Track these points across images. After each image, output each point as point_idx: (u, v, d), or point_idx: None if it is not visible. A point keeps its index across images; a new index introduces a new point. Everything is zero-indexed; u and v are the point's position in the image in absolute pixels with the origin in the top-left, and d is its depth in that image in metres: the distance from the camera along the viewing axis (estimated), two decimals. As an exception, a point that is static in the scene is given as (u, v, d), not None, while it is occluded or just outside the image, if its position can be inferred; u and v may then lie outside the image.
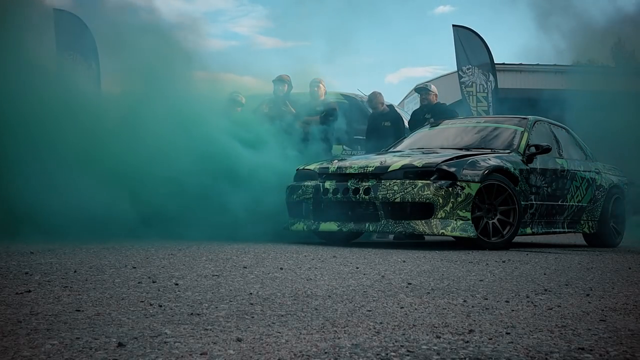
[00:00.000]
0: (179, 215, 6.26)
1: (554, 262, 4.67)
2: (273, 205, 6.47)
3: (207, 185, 6.36)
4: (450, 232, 5.53)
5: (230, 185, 6.43)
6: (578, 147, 7.61)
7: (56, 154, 6.14)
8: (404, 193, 5.64)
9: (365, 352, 1.77)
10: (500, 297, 2.81)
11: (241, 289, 2.84)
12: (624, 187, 7.86)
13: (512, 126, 6.90)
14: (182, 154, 6.45)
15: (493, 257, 4.90)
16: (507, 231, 5.86)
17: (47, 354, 1.68)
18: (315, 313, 2.33)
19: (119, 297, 2.56)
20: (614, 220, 7.51)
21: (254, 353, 1.74)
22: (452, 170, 5.63)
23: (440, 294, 2.86)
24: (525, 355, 1.78)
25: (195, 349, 1.76)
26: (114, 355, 1.68)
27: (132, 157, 6.35)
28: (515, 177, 6.03)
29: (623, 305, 2.71)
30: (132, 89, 7.13)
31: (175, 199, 6.24)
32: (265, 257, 4.37)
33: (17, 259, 3.84)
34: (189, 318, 2.18)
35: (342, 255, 4.72)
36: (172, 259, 4.05)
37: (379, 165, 5.91)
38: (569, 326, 2.20)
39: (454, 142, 6.91)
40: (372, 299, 2.67)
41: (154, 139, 6.45)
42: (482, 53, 11.32)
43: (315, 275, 3.41)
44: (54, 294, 2.58)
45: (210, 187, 6.36)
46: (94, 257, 4.08)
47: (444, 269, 3.93)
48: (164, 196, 6.21)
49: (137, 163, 6.31)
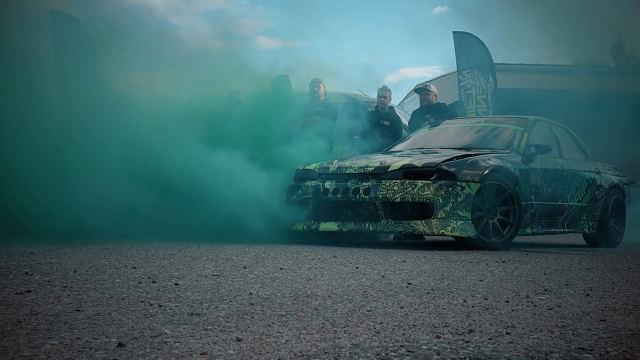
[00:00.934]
0: (179, 216, 6.25)
1: (554, 262, 4.67)
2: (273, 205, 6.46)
3: (207, 185, 6.35)
4: (450, 232, 5.53)
5: (230, 184, 6.42)
6: (578, 147, 7.61)
7: (58, 155, 6.14)
8: (404, 193, 5.64)
9: (365, 352, 1.77)
10: (500, 297, 2.81)
11: (241, 289, 2.84)
12: (624, 187, 7.86)
13: (512, 126, 6.90)
14: (183, 153, 6.44)
15: (493, 257, 4.90)
16: (507, 231, 5.86)
17: (47, 354, 1.68)
18: (315, 313, 2.33)
19: (119, 297, 2.56)
20: (614, 220, 7.51)
21: (254, 353, 1.74)
22: (452, 170, 5.63)
23: (440, 294, 2.86)
24: (525, 355, 1.78)
25: (195, 349, 1.76)
26: (114, 355, 1.68)
27: (132, 157, 6.34)
28: (515, 177, 6.03)
29: (623, 305, 2.71)
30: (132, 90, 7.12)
31: (175, 199, 6.23)
32: (265, 257, 4.37)
33: (17, 259, 3.84)
34: (189, 318, 2.18)
35: (342, 255, 4.72)
36: (172, 259, 4.05)
37: (379, 165, 5.91)
38: (569, 326, 2.20)
39: (454, 142, 6.91)
40: (372, 299, 2.67)
41: (152, 138, 6.43)
42: (481, 55, 11.35)
43: (315, 275, 3.41)
44: (54, 294, 2.58)
45: (211, 187, 6.35)
46: (94, 257, 4.08)
47: (444, 269, 3.93)
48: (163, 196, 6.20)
49: (137, 163, 6.31)
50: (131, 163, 6.32)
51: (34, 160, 6.02)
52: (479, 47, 11.38)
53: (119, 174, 6.24)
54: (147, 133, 6.51)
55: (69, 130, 6.27)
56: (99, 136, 6.37)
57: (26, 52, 6.60)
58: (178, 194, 6.28)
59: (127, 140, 6.40)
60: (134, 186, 6.22)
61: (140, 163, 6.33)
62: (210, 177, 6.39)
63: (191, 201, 6.32)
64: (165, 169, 6.31)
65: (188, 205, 6.28)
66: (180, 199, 6.27)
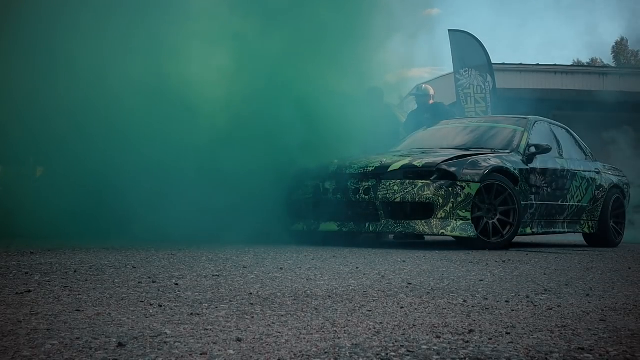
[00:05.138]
0: (179, 217, 6.24)
1: (554, 262, 4.67)
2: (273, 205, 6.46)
3: (207, 186, 6.34)
4: (450, 232, 5.53)
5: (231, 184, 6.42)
6: (578, 147, 7.61)
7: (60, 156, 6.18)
8: (404, 193, 5.64)
9: (365, 352, 1.77)
10: (500, 297, 2.81)
11: (241, 289, 2.84)
12: (624, 187, 7.87)
13: (512, 126, 6.90)
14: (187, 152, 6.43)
15: (493, 257, 4.90)
16: (507, 231, 5.86)
17: (47, 354, 1.67)
18: (315, 313, 2.33)
19: (119, 297, 2.56)
20: (614, 220, 7.51)
21: (254, 353, 1.74)
22: (452, 170, 5.63)
23: (440, 294, 2.86)
24: (525, 355, 1.78)
25: (195, 349, 1.76)
26: (114, 355, 1.68)
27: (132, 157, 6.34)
28: (515, 177, 6.04)
29: (623, 305, 2.71)
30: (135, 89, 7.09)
31: (176, 199, 6.22)
32: (265, 257, 4.37)
33: (17, 259, 3.84)
34: (189, 318, 2.18)
35: (342, 255, 4.72)
36: (172, 259, 4.05)
37: (379, 165, 5.91)
38: (569, 326, 2.20)
39: (453, 142, 6.91)
40: (372, 299, 2.67)
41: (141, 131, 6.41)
42: (479, 54, 11.33)
43: (315, 275, 3.41)
44: (54, 294, 2.58)
45: (210, 188, 6.34)
46: (94, 257, 4.08)
47: (444, 269, 3.93)
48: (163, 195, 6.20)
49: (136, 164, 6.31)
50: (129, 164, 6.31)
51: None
52: (476, 46, 11.35)
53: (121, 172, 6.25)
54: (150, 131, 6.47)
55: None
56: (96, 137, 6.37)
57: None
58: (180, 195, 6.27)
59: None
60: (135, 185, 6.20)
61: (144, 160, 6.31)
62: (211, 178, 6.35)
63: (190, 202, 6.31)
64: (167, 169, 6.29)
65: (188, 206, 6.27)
66: (181, 200, 6.26)
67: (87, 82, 6.28)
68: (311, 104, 6.58)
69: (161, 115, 6.32)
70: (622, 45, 43.30)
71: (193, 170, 6.29)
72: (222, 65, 6.61)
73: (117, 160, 6.30)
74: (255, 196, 6.28)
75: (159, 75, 6.42)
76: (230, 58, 6.70)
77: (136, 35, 6.36)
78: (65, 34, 6.22)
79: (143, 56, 6.38)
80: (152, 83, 6.37)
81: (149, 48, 6.40)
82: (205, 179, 6.28)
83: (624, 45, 43.13)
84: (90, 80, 6.28)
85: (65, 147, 6.44)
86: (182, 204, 6.14)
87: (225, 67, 6.62)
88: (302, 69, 6.73)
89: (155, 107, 6.36)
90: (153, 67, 6.42)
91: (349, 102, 6.85)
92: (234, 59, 6.71)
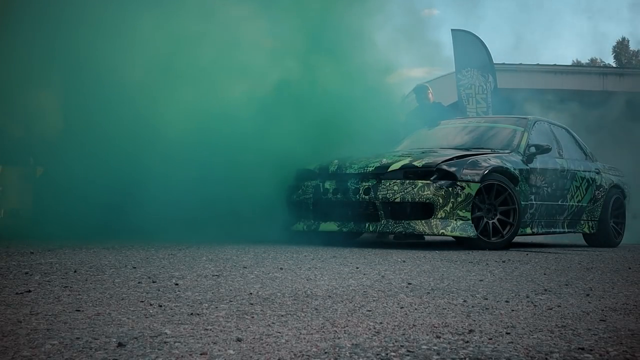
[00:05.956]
0: (180, 217, 6.25)
1: (554, 262, 4.67)
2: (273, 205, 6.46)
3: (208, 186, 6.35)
4: (450, 232, 5.53)
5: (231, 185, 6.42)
6: (578, 147, 7.61)
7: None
8: (404, 193, 5.63)
9: (365, 352, 1.77)
10: (500, 297, 2.81)
11: (241, 289, 2.84)
12: (624, 187, 7.87)
13: (512, 126, 6.90)
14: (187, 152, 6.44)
15: (493, 257, 4.89)
16: (507, 231, 5.86)
17: (47, 354, 1.67)
18: (315, 313, 2.33)
19: (119, 297, 2.56)
20: (614, 220, 7.51)
21: (254, 353, 1.74)
22: (452, 170, 5.63)
23: (440, 294, 2.86)
24: (525, 355, 1.78)
25: (195, 349, 1.76)
26: (114, 355, 1.68)
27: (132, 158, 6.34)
28: (515, 177, 6.04)
29: (623, 305, 2.71)
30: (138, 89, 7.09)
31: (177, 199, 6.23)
32: (265, 257, 4.37)
33: (17, 259, 3.84)
34: (189, 318, 2.18)
35: (342, 255, 4.72)
36: (172, 259, 4.05)
37: (379, 165, 5.91)
38: (569, 326, 2.20)
39: (453, 142, 6.91)
40: (372, 299, 2.67)
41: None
42: (480, 54, 11.32)
43: (315, 275, 3.41)
44: (54, 294, 2.58)
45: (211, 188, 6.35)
46: (94, 257, 4.08)
47: (444, 269, 3.93)
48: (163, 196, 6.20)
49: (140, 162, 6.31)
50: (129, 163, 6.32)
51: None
52: (478, 46, 11.35)
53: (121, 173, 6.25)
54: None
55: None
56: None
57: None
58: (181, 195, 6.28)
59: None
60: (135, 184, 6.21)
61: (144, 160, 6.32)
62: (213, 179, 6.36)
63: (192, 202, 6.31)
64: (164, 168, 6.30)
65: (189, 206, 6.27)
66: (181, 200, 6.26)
67: (87, 82, 6.28)
68: (314, 104, 6.58)
69: (161, 115, 6.32)
70: (622, 45, 43.34)
71: (193, 170, 6.29)
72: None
73: (118, 160, 6.30)
74: (255, 196, 6.28)
75: (159, 73, 6.42)
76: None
77: (135, 28, 6.35)
78: (65, 34, 6.22)
79: (143, 54, 6.38)
80: (153, 81, 6.37)
81: (149, 44, 6.39)
82: (205, 179, 6.28)
83: (624, 45, 43.17)
84: (90, 80, 6.28)
85: (65, 147, 6.44)
86: (182, 204, 6.14)
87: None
88: (303, 68, 6.73)
89: (155, 106, 6.36)
90: (153, 65, 6.42)
91: (352, 101, 6.85)
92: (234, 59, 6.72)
